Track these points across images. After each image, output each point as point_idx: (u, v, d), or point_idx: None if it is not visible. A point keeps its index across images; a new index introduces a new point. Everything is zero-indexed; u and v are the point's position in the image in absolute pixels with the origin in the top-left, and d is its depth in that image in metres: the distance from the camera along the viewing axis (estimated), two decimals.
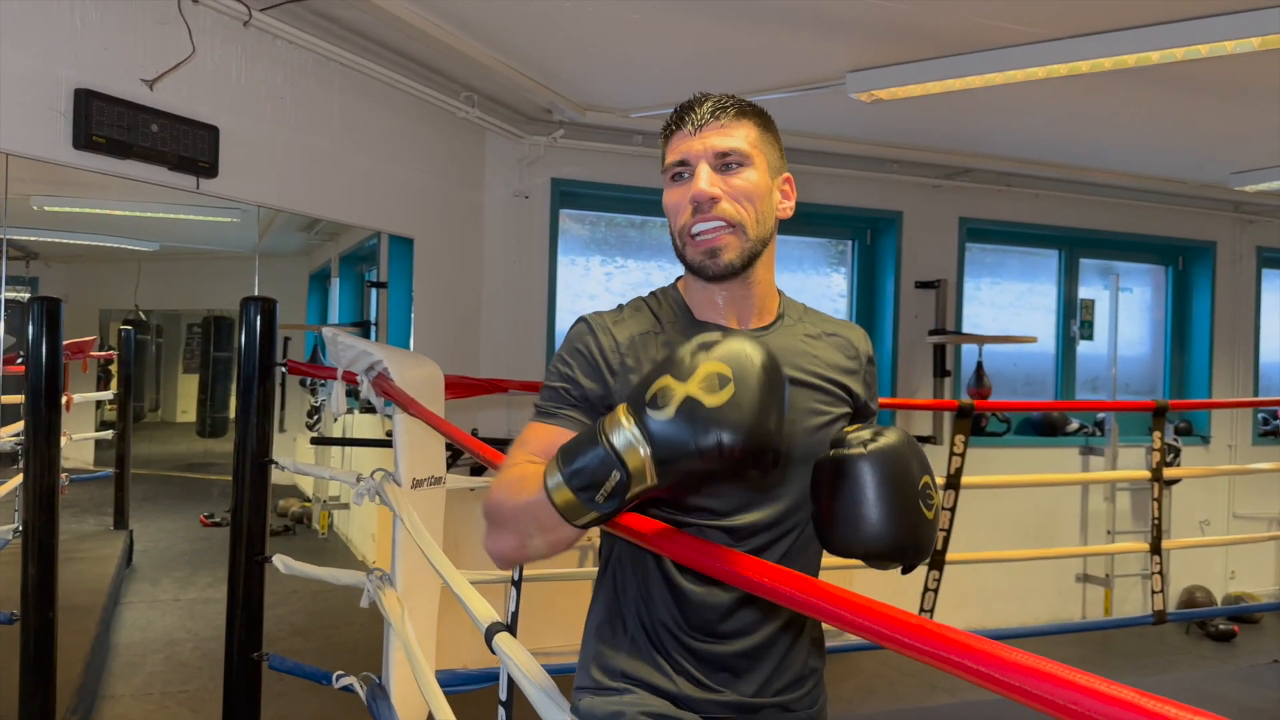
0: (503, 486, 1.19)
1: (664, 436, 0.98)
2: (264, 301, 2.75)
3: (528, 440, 1.31)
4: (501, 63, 3.73)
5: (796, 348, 1.38)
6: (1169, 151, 5.05)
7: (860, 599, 0.75)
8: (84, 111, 2.54)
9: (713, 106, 1.31)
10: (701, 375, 0.98)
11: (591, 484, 1.02)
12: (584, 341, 1.34)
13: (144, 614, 4.95)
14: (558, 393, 1.33)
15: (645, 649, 1.33)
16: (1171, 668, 5.23)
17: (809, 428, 1.34)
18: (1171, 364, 6.52)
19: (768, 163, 1.34)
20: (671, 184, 1.34)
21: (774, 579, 0.87)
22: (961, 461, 3.31)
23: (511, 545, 1.18)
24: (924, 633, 0.67)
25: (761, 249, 1.34)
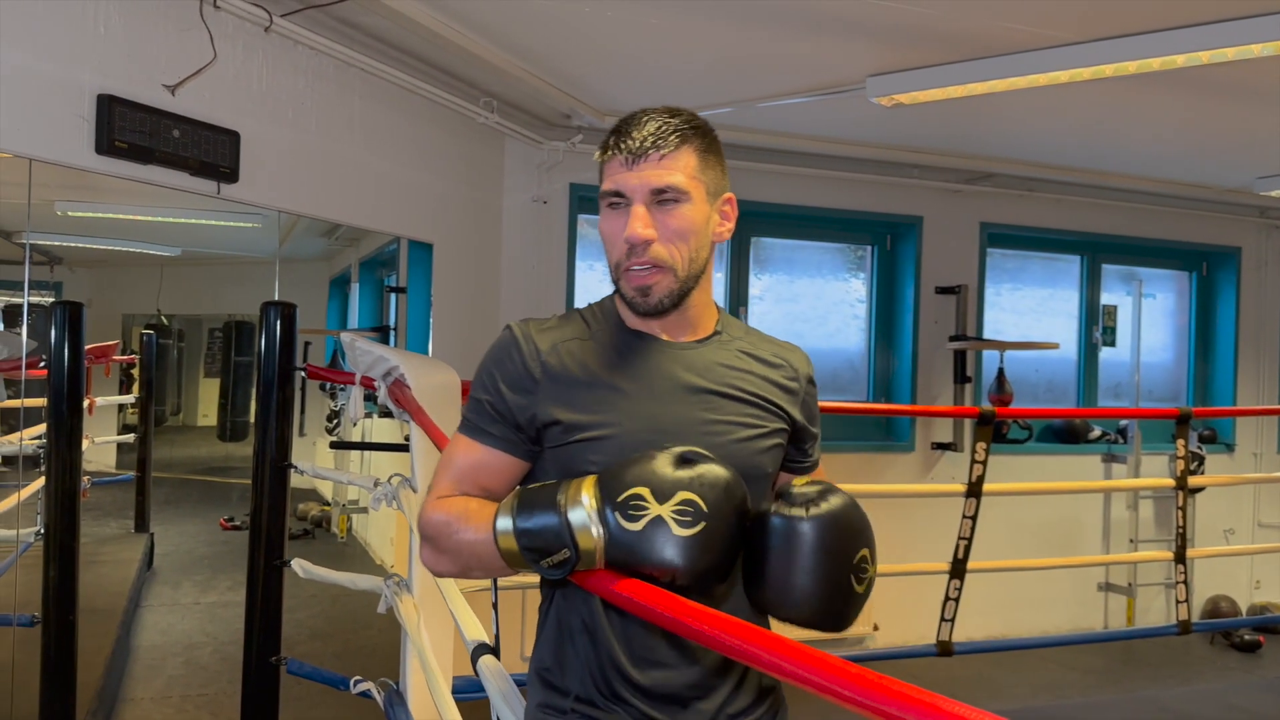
0: (442, 513, 1.24)
1: (625, 545, 1.03)
2: (284, 306, 2.76)
3: (455, 457, 1.32)
4: (521, 68, 3.74)
5: (730, 363, 1.36)
6: (1193, 156, 5.00)
7: (789, 644, 0.76)
8: (107, 117, 2.55)
9: (653, 135, 1.26)
10: (678, 500, 1.02)
11: (541, 550, 1.08)
12: (507, 351, 1.31)
13: (164, 617, 4.97)
14: (481, 406, 1.31)
15: (589, 680, 1.29)
16: (1196, 678, 5.16)
17: (737, 440, 1.31)
18: (1195, 371, 6.45)
19: (706, 190, 1.31)
20: (607, 211, 1.31)
21: (710, 625, 0.86)
22: (983, 469, 3.28)
23: (452, 570, 1.25)
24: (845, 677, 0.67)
25: (694, 283, 1.32)
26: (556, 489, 1.10)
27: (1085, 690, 4.85)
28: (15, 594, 3.19)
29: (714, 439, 1.27)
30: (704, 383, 1.31)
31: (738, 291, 5.30)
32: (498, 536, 1.12)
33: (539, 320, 1.36)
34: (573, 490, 1.08)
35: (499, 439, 1.29)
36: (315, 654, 4.54)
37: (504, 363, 1.31)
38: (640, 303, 1.29)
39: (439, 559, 1.26)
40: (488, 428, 1.30)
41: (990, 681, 4.84)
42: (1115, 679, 5.07)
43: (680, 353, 1.33)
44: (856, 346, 5.65)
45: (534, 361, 1.29)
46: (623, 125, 1.29)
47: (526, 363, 1.29)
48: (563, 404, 1.27)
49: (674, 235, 1.27)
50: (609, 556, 1.05)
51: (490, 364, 1.32)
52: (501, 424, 1.29)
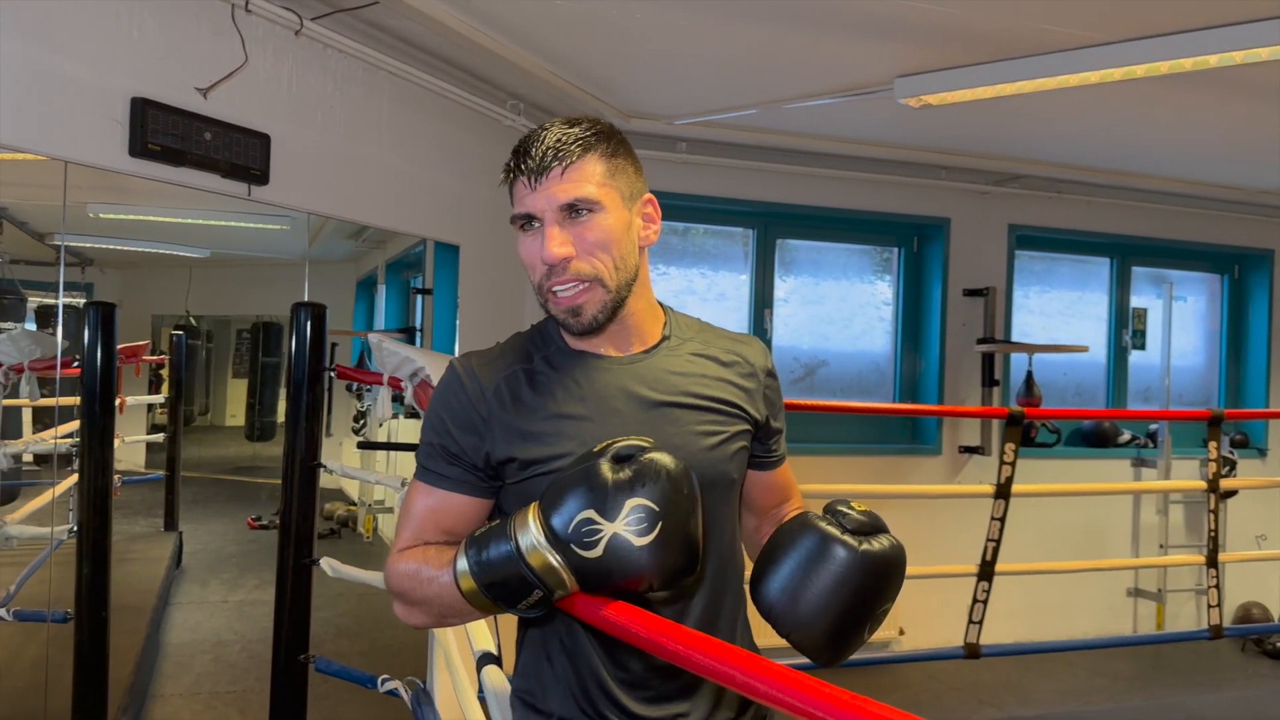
0: (406, 568, 1.22)
1: (592, 572, 1.02)
2: (314, 307, 2.79)
3: (414, 506, 1.29)
4: (547, 70, 3.75)
5: (682, 369, 1.32)
6: (1225, 157, 4.94)
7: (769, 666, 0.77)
8: (140, 120, 2.58)
9: (553, 149, 1.22)
10: (628, 511, 1.00)
11: (511, 597, 1.07)
12: (452, 391, 1.28)
13: (193, 615, 5.02)
14: (433, 450, 1.28)
15: (569, 700, 1.27)
16: (1227, 685, 5.10)
17: (699, 449, 1.27)
18: (1227, 374, 6.37)
19: (620, 196, 1.26)
20: (521, 235, 1.27)
21: (686, 644, 0.86)
22: (1012, 471, 3.26)
23: (428, 621, 1.23)
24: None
25: (628, 291, 1.27)
26: (504, 524, 1.09)
27: (1114, 696, 4.80)
28: (49, 591, 3.23)
29: (674, 453, 1.22)
30: (657, 395, 1.28)
31: (763, 294, 5.30)
32: (458, 579, 1.10)
33: (481, 354, 1.33)
34: (518, 520, 1.07)
35: (454, 480, 1.26)
36: (342, 652, 4.57)
37: (450, 404, 1.27)
38: (573, 323, 1.25)
39: (411, 613, 1.24)
40: (441, 470, 1.27)
41: (1017, 686, 4.80)
42: (1144, 685, 5.02)
43: (628, 367, 1.30)
44: (883, 349, 5.62)
45: (479, 401, 1.26)
46: (522, 144, 1.26)
47: (472, 402, 1.26)
48: (515, 439, 1.24)
49: (593, 247, 1.22)
50: (581, 583, 1.04)
51: (438, 406, 1.29)
52: (456, 465, 1.26)
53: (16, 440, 3.41)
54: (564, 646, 1.28)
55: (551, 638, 1.29)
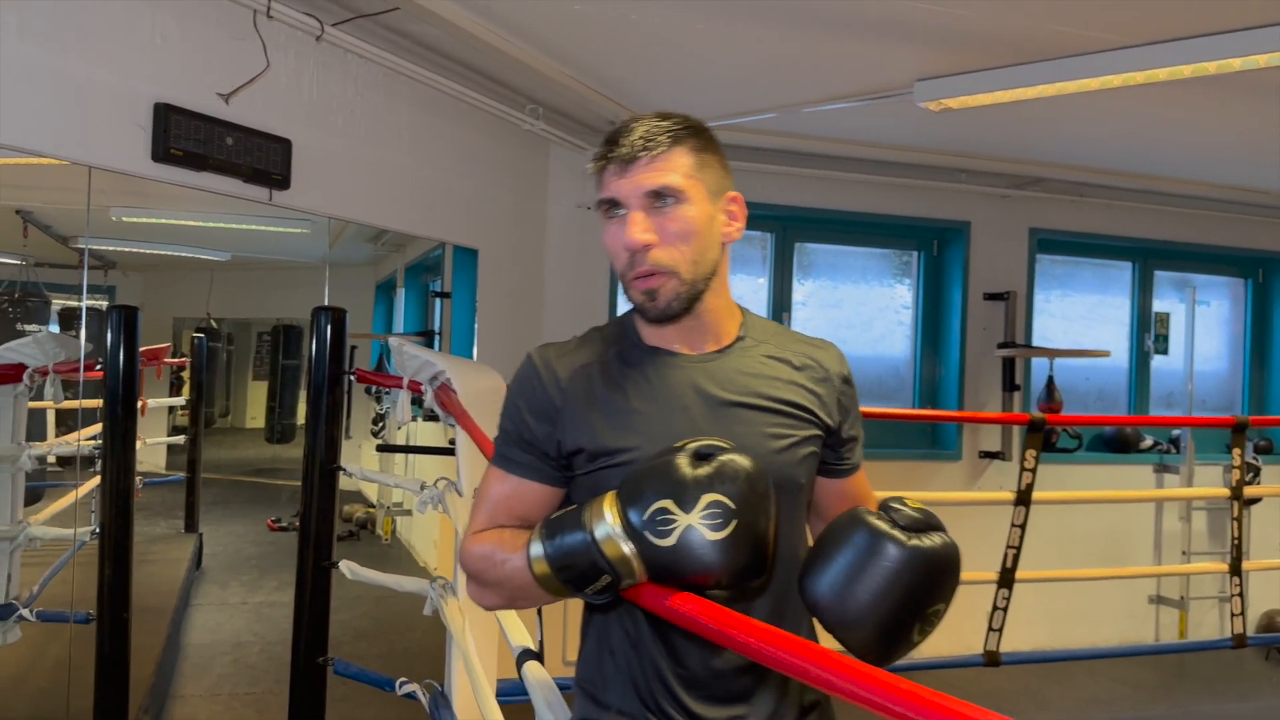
0: (481, 549, 1.24)
1: (663, 562, 1.02)
2: (334, 311, 2.80)
3: (489, 491, 1.32)
4: (566, 75, 3.76)
5: (754, 370, 1.32)
6: (1249, 160, 4.89)
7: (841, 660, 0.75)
8: (163, 125, 2.60)
9: (643, 139, 1.23)
10: (704, 505, 1.00)
11: (581, 581, 1.08)
12: (529, 380, 1.31)
13: (213, 616, 5.05)
14: (509, 437, 1.31)
15: (630, 693, 1.28)
16: (1252, 694, 5.04)
17: (770, 451, 1.26)
18: (1251, 380, 6.31)
19: (706, 190, 1.27)
20: (606, 220, 1.28)
21: (754, 636, 0.86)
22: (1033, 477, 3.24)
23: (499, 603, 1.26)
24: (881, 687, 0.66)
25: (705, 285, 1.28)
26: (580, 510, 1.10)
27: (1136, 705, 4.76)
28: (71, 591, 3.26)
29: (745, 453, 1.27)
30: (728, 395, 1.28)
31: (781, 297, 5.28)
32: (531, 563, 1.12)
33: (558, 345, 1.35)
34: (594, 507, 1.08)
35: (529, 468, 1.29)
36: (360, 655, 4.59)
37: (526, 392, 1.30)
38: (649, 308, 1.26)
39: (484, 594, 1.27)
40: (517, 458, 1.30)
41: (1038, 694, 4.76)
42: (1167, 693, 4.97)
43: (701, 366, 1.30)
44: (902, 353, 5.60)
45: (554, 389, 1.28)
46: (612, 134, 1.27)
47: (548, 391, 1.28)
48: (585, 431, 1.26)
49: (674, 237, 1.24)
50: (650, 573, 1.04)
51: (514, 394, 1.32)
52: (529, 453, 1.29)
53: (41, 442, 3.44)
54: (628, 638, 1.28)
55: (615, 630, 1.30)
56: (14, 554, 3.22)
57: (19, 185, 3.40)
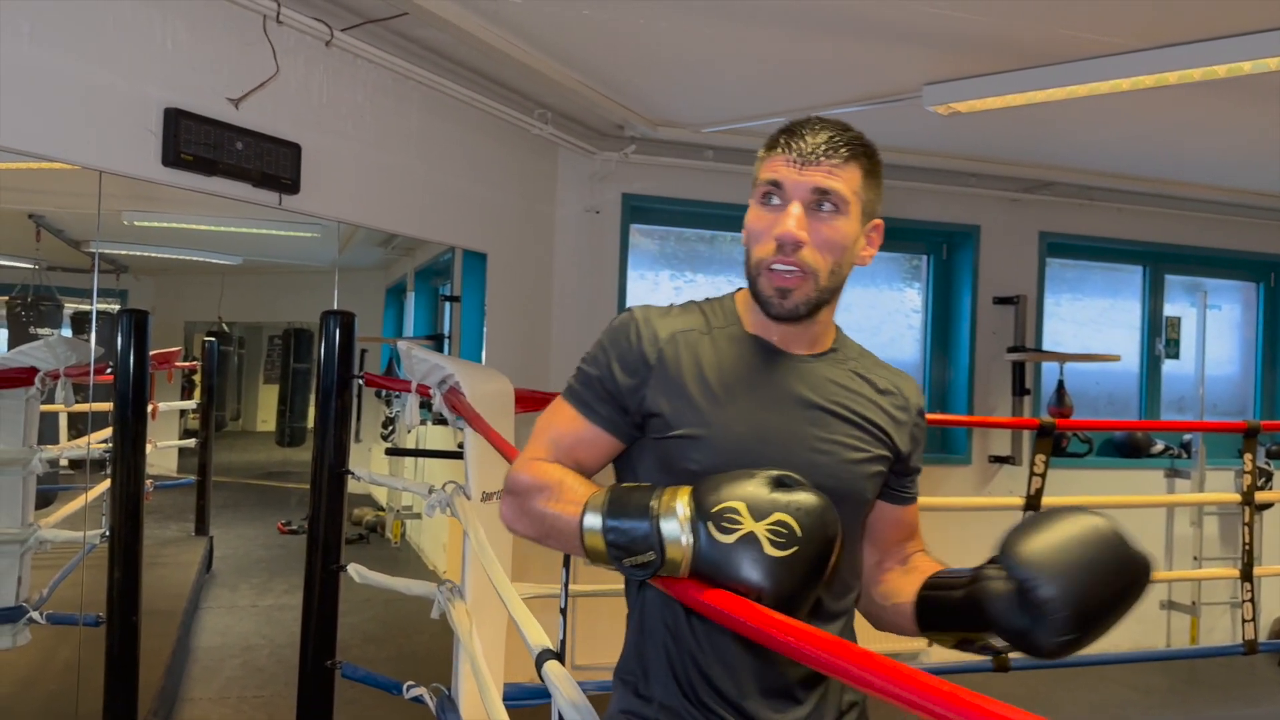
0: (534, 475, 1.24)
1: (714, 558, 1.02)
2: (343, 315, 2.81)
3: (555, 422, 1.32)
4: (575, 79, 3.76)
5: (842, 382, 1.34)
6: (1260, 164, 4.87)
7: (879, 660, 0.74)
8: (173, 130, 2.62)
9: (825, 144, 1.25)
10: (773, 520, 1.01)
11: (626, 549, 1.07)
12: (625, 332, 1.31)
13: (222, 619, 5.07)
14: (591, 381, 1.31)
15: (673, 689, 1.28)
16: (1264, 700, 5.01)
17: (842, 460, 1.29)
18: (1262, 384, 6.27)
19: (862, 210, 1.28)
20: (759, 204, 1.28)
21: (797, 639, 0.85)
22: (1042, 482, 3.22)
23: (528, 534, 1.25)
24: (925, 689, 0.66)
25: (830, 297, 1.30)
26: (650, 494, 1.09)
27: (1146, 711, 4.73)
28: (81, 594, 3.27)
29: (818, 456, 1.27)
30: (815, 398, 1.30)
31: None
32: (584, 533, 1.11)
33: (660, 308, 1.35)
34: (667, 498, 1.07)
35: (603, 418, 1.29)
36: (368, 658, 4.59)
37: (620, 343, 1.30)
38: (776, 304, 1.26)
39: (519, 519, 1.27)
40: (594, 404, 1.30)
41: (1048, 700, 4.74)
42: (1178, 700, 4.94)
43: (795, 365, 1.32)
44: (912, 357, 5.58)
45: (651, 347, 1.29)
46: (794, 126, 1.28)
47: (643, 347, 1.29)
48: (671, 396, 1.26)
49: (824, 244, 1.25)
50: (695, 567, 1.03)
51: (606, 342, 1.32)
52: (608, 404, 1.29)
53: (53, 446, 3.45)
54: (668, 631, 1.29)
55: (656, 623, 1.31)
56: (25, 557, 3.23)
57: (31, 189, 3.42)
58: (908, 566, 1.40)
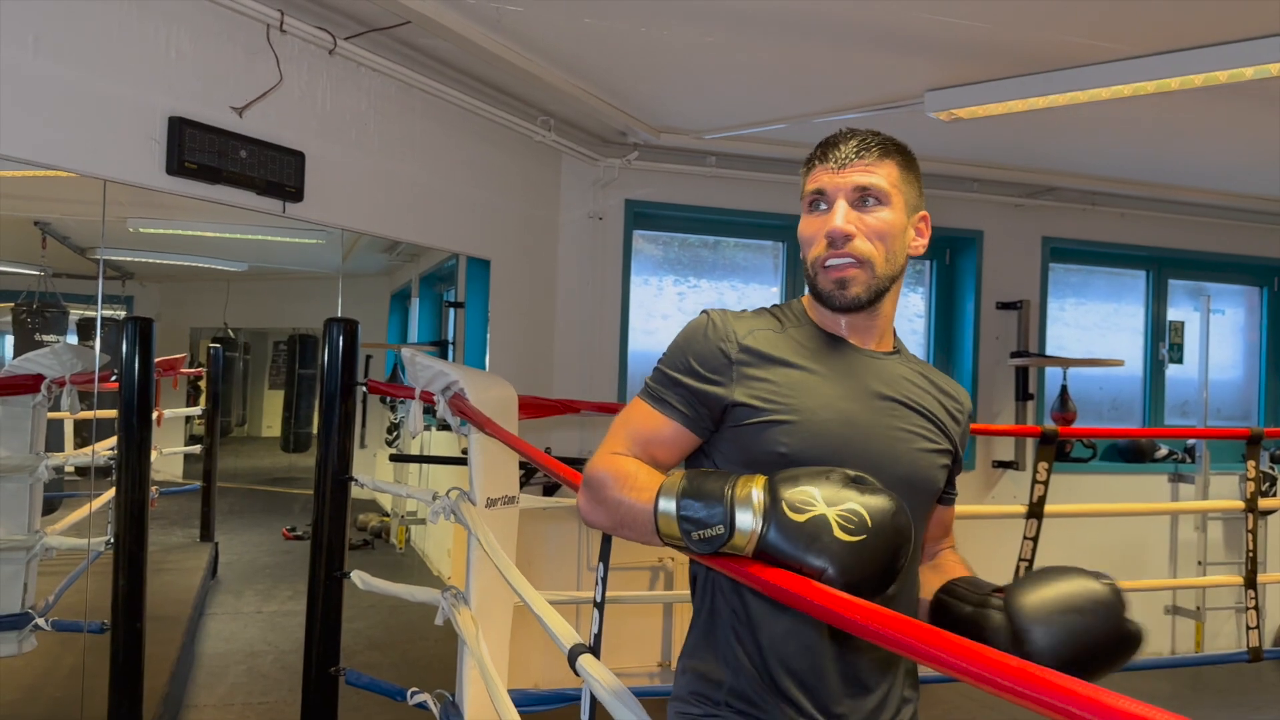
0: (610, 469, 1.29)
1: (781, 538, 1.05)
2: (346, 323, 2.82)
3: (632, 420, 1.38)
4: (577, 87, 3.78)
5: (912, 379, 1.41)
6: (1263, 168, 4.87)
7: (957, 641, 0.74)
8: (177, 139, 2.63)
9: (857, 145, 1.34)
10: (845, 507, 1.04)
11: (698, 524, 1.10)
12: (703, 330, 1.37)
13: (227, 625, 5.08)
14: (669, 379, 1.37)
15: (743, 673, 1.33)
16: (1268, 707, 5.00)
17: (918, 450, 1.36)
18: (1267, 389, 6.26)
19: (905, 201, 1.37)
20: (808, 213, 1.37)
21: (865, 619, 0.86)
22: (1045, 489, 3.22)
23: (604, 524, 1.30)
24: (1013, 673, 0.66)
25: (889, 285, 1.37)
26: (725, 480, 1.12)
27: None
28: (86, 601, 3.28)
29: (899, 445, 1.34)
30: (891, 391, 1.37)
31: None
32: (658, 517, 1.15)
33: (734, 311, 1.42)
34: (742, 484, 1.10)
35: (680, 413, 1.34)
36: (373, 664, 4.60)
37: (697, 342, 1.36)
38: (837, 295, 1.34)
39: (595, 510, 1.31)
40: (672, 401, 1.35)
41: None
42: (1182, 706, 4.92)
43: (869, 359, 1.39)
44: None
45: (730, 343, 1.34)
46: (828, 139, 1.38)
47: (723, 345, 1.34)
48: (755, 387, 1.32)
49: (873, 234, 1.33)
50: (763, 546, 1.06)
51: (683, 342, 1.38)
52: (686, 400, 1.35)
53: (58, 453, 3.47)
54: (737, 616, 1.34)
55: (725, 609, 1.35)
56: (31, 564, 3.25)
57: (37, 197, 3.44)
58: (935, 563, 1.50)
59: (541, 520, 4.53)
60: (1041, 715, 0.66)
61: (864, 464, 1.16)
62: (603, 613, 1.54)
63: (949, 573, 1.42)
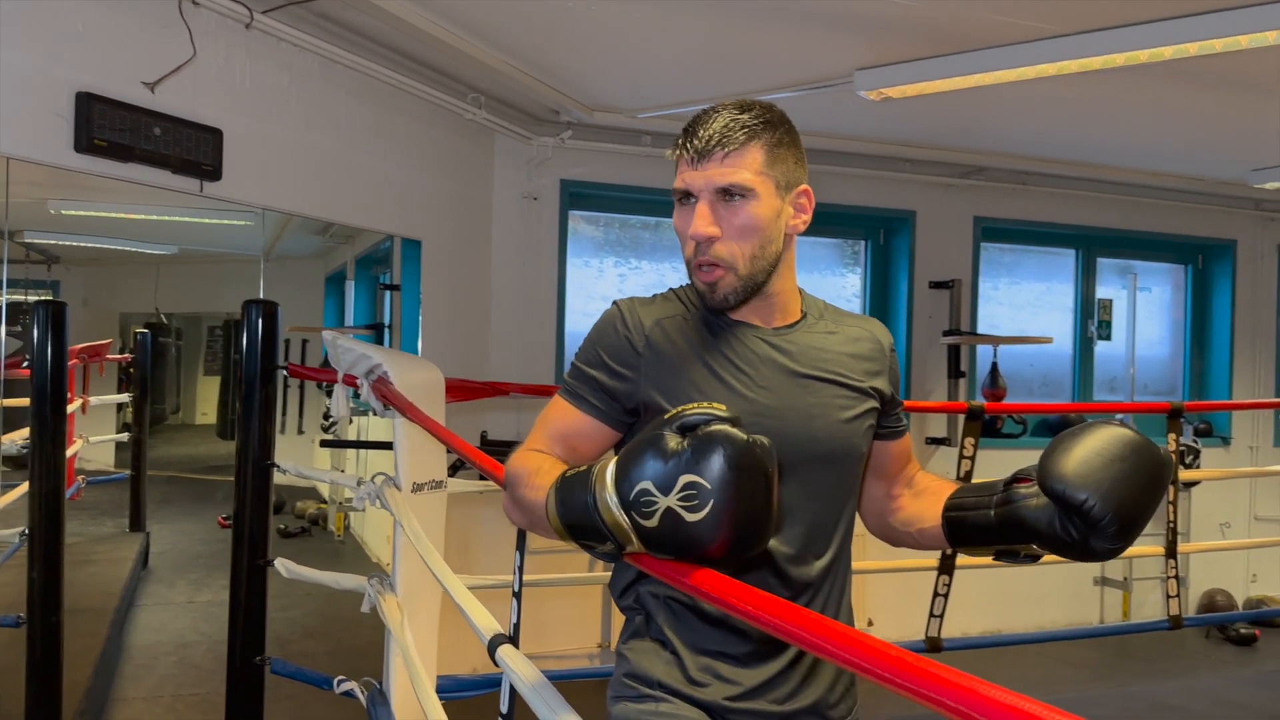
0: (523, 466, 1.26)
1: (651, 542, 1.03)
2: (265, 304, 2.75)
3: (550, 417, 1.38)
4: (508, 64, 3.72)
5: (821, 345, 1.40)
6: (1188, 149, 4.98)
7: (863, 638, 0.73)
8: (85, 115, 2.54)
9: (719, 133, 1.28)
10: (681, 488, 0.99)
11: (589, 538, 1.07)
12: (612, 324, 1.36)
13: (158, 616, 4.97)
14: (583, 374, 1.36)
15: (676, 657, 1.33)
16: (1190, 673, 5.15)
17: (835, 422, 1.35)
18: (1191, 364, 6.43)
19: (775, 185, 1.32)
20: (678, 207, 1.35)
21: (783, 618, 0.84)
22: (971, 464, 3.27)
23: (520, 522, 1.29)
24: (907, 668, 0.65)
25: (764, 278, 1.34)
26: (588, 473, 1.08)
27: (1078, 685, 4.84)
28: (2, 595, 3.18)
29: (814, 423, 1.32)
30: (800, 368, 1.35)
31: None
32: (549, 512, 1.12)
33: (642, 299, 1.41)
34: (598, 476, 1.06)
35: (595, 407, 1.34)
36: (308, 653, 4.53)
37: (606, 336, 1.36)
38: (709, 298, 1.34)
39: (512, 509, 1.30)
40: (587, 396, 1.35)
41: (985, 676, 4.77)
42: (1109, 673, 5.06)
43: (774, 338, 1.37)
44: None
45: (638, 336, 1.34)
46: (691, 124, 1.32)
47: (631, 337, 1.34)
48: (663, 386, 1.31)
49: (738, 233, 1.30)
50: (649, 551, 1.04)
51: (595, 336, 1.38)
52: (600, 394, 1.34)
53: None
54: (665, 605, 1.35)
55: (654, 597, 1.36)
56: None
57: None
58: (915, 489, 1.49)
59: (477, 504, 4.49)
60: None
61: (781, 451, 1.11)
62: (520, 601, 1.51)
63: (937, 492, 1.39)
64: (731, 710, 1.30)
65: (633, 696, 1.35)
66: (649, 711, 1.32)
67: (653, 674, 1.34)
